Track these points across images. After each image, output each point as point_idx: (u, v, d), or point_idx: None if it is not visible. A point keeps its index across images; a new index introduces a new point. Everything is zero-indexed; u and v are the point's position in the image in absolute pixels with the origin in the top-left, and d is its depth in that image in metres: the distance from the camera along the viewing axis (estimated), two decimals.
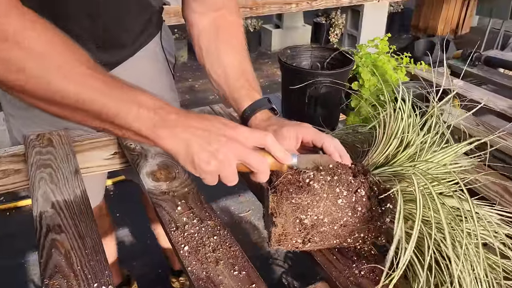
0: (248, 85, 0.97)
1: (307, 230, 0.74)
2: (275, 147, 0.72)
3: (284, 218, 0.73)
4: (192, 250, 0.80)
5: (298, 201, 0.72)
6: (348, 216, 0.74)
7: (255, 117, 0.93)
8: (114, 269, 1.48)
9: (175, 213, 0.89)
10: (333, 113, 1.17)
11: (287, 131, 0.85)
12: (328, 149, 0.81)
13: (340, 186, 0.73)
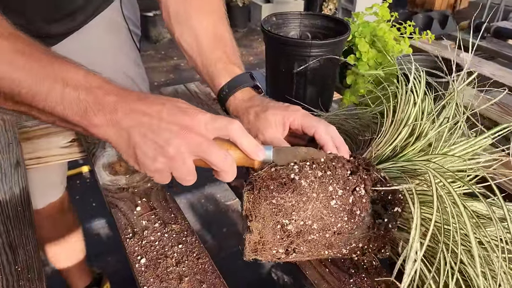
0: (225, 57, 0.79)
1: (291, 238, 0.58)
2: (242, 138, 0.56)
3: (261, 222, 0.57)
4: (150, 263, 0.64)
5: (280, 202, 0.56)
6: (343, 221, 0.58)
7: (234, 97, 0.77)
8: (80, 270, 1.33)
9: (133, 215, 0.73)
10: (326, 91, 1.01)
11: (272, 115, 0.69)
12: (321, 139, 0.65)
13: (334, 184, 0.57)
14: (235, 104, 0.77)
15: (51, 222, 1.20)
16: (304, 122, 0.67)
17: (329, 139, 0.65)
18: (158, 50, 3.85)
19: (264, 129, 0.69)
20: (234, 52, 0.82)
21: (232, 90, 0.77)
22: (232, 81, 0.77)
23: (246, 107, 0.74)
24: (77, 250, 1.30)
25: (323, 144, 0.64)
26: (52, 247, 1.24)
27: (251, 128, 0.71)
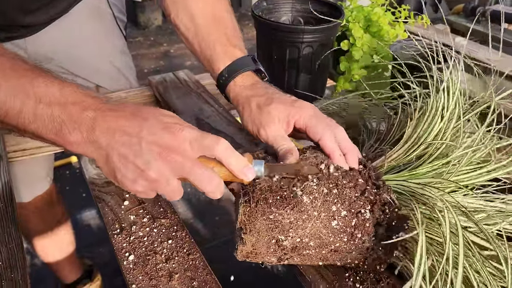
0: (225, 39, 0.73)
1: (285, 251, 0.56)
2: (229, 159, 0.52)
3: (256, 236, 0.54)
4: (139, 260, 0.62)
5: (278, 218, 0.53)
6: (342, 241, 0.55)
7: (234, 83, 0.70)
8: (70, 263, 1.30)
9: (121, 210, 0.71)
10: (319, 78, 0.98)
11: (275, 109, 0.63)
12: (326, 148, 0.59)
13: (339, 204, 0.54)
14: (235, 91, 0.70)
15: (38, 215, 1.17)
16: (309, 124, 0.61)
17: (335, 148, 0.59)
18: (147, 36, 3.78)
19: (267, 125, 0.63)
20: (234, 33, 0.76)
21: (232, 74, 0.70)
22: (232, 65, 0.71)
23: (247, 96, 0.68)
24: (66, 243, 1.28)
25: (328, 153, 0.59)
26: (41, 240, 1.21)
27: (252, 121, 0.65)
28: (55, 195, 1.20)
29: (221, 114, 0.95)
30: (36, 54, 0.96)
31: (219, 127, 0.91)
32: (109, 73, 1.07)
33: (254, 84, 0.70)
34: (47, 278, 1.51)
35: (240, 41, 0.76)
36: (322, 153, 0.60)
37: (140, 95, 1.07)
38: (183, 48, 3.52)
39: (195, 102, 1.00)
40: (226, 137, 0.87)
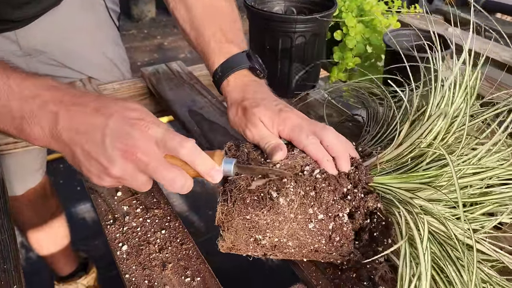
0: (220, 34, 0.70)
1: (265, 249, 0.56)
2: (195, 161, 0.51)
3: (234, 234, 0.55)
4: (132, 250, 0.62)
5: (254, 219, 0.53)
6: (321, 243, 0.55)
7: (227, 82, 0.68)
8: (65, 255, 1.30)
9: (114, 200, 0.71)
10: (312, 68, 0.98)
11: (259, 113, 0.61)
12: (312, 156, 0.57)
13: (316, 208, 0.53)
14: (226, 91, 0.69)
15: (32, 208, 1.16)
16: (293, 135, 0.59)
17: (321, 155, 0.57)
18: (141, 29, 3.75)
19: (252, 125, 0.62)
20: (231, 26, 0.73)
21: (225, 73, 0.68)
22: (226, 63, 0.69)
23: (236, 99, 0.66)
24: (61, 236, 1.27)
25: (315, 160, 0.57)
26: (35, 233, 1.21)
27: (238, 123, 0.64)
28: (49, 188, 1.20)
29: (214, 105, 0.95)
30: (28, 46, 0.95)
31: (212, 118, 0.91)
32: (102, 64, 1.06)
33: (246, 85, 0.68)
34: (42, 271, 1.51)
35: (237, 34, 0.73)
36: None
37: (133, 87, 1.07)
38: (177, 41, 3.50)
39: (188, 93, 1.00)
40: (219, 128, 0.88)
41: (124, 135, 0.48)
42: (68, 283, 1.30)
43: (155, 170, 0.49)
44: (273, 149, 0.58)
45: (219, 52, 0.70)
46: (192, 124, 0.89)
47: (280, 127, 0.60)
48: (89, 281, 1.33)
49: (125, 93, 1.06)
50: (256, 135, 0.61)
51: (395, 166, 0.62)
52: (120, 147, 0.48)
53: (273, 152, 0.57)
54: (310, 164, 0.56)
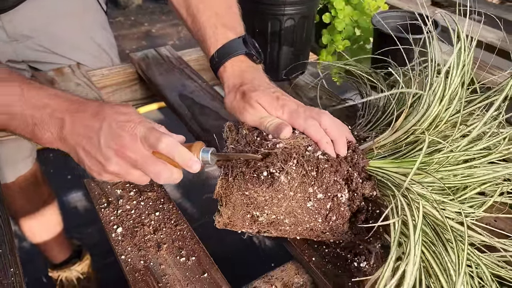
0: (215, 19, 0.70)
1: (261, 226, 0.57)
2: (174, 154, 0.56)
3: (231, 210, 0.56)
4: (127, 232, 0.63)
5: (253, 195, 0.54)
6: (317, 222, 0.56)
7: (224, 68, 0.69)
8: (58, 243, 1.30)
9: (107, 184, 0.71)
10: (301, 51, 0.98)
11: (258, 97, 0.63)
12: (312, 137, 0.59)
13: (316, 187, 0.54)
14: (223, 78, 0.69)
15: (24, 196, 1.16)
16: (292, 118, 0.61)
17: (321, 136, 0.58)
18: (128, 16, 3.70)
19: (251, 107, 0.63)
20: (228, 11, 0.72)
21: (222, 59, 0.69)
22: (222, 49, 0.69)
23: (234, 84, 0.67)
24: (54, 224, 1.27)
25: (315, 142, 0.59)
26: (28, 221, 1.21)
27: (237, 107, 0.65)
28: (40, 175, 1.20)
29: (205, 89, 0.96)
30: (15, 32, 0.94)
31: (203, 102, 0.91)
32: (90, 49, 1.05)
33: (243, 71, 0.68)
34: (35, 259, 1.51)
35: (234, 19, 0.73)
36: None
37: (123, 73, 1.06)
38: (165, 28, 3.47)
39: (178, 78, 1.00)
40: (210, 112, 0.89)
41: (115, 136, 0.55)
42: (62, 270, 1.30)
43: (143, 165, 0.55)
44: (277, 126, 0.59)
45: (215, 38, 0.70)
46: (183, 108, 0.90)
47: (278, 112, 0.62)
48: (83, 268, 1.34)
49: (114, 79, 1.05)
50: (256, 117, 0.62)
51: (390, 150, 0.64)
52: (113, 147, 0.55)
53: (278, 129, 0.58)
54: (312, 145, 0.57)
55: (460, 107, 0.63)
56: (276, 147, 0.56)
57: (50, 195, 1.25)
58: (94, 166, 0.57)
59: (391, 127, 0.63)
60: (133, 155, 0.55)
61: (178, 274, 0.57)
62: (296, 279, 0.59)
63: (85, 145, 0.56)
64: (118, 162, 0.55)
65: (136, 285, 0.56)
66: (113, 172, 0.56)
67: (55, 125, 0.57)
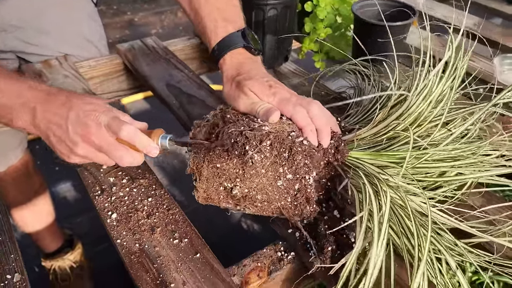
0: (217, 13, 0.74)
1: (236, 199, 0.61)
2: (134, 140, 0.63)
3: (205, 183, 0.60)
4: (121, 217, 0.66)
5: (224, 167, 0.58)
6: (287, 201, 0.60)
7: (224, 61, 0.73)
8: (51, 232, 1.32)
9: (100, 173, 0.74)
10: (285, 40, 1.01)
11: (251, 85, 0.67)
12: (298, 124, 0.62)
13: (286, 167, 0.58)
14: (222, 69, 0.74)
15: (16, 186, 1.18)
16: (281, 106, 0.64)
17: (306, 123, 0.62)
18: (110, 5, 3.66)
19: (244, 94, 0.67)
20: (228, 4, 0.76)
21: (221, 52, 0.73)
22: (222, 42, 0.73)
23: (232, 75, 0.71)
24: (46, 213, 1.29)
25: (300, 128, 0.62)
26: (19, 211, 1.22)
27: (232, 95, 0.69)
28: (32, 166, 1.21)
29: (191, 79, 0.98)
30: (3, 22, 0.95)
31: (190, 91, 0.94)
32: (77, 41, 1.06)
33: (241, 62, 0.72)
34: (27, 248, 1.53)
35: (234, 12, 0.76)
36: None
37: (110, 63, 1.08)
38: (148, 17, 3.44)
39: (165, 68, 1.02)
40: (197, 101, 0.91)
41: (81, 124, 0.62)
42: (55, 260, 1.33)
43: (107, 150, 0.62)
44: (267, 111, 0.63)
45: (215, 32, 0.74)
46: (170, 98, 0.92)
47: (269, 99, 0.65)
48: (76, 257, 1.36)
49: (101, 70, 1.07)
50: (248, 103, 0.66)
51: (371, 144, 0.67)
52: (79, 133, 0.62)
53: (268, 113, 0.62)
54: (295, 131, 0.61)
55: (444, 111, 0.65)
56: (261, 129, 0.59)
57: (41, 185, 1.27)
58: (64, 150, 0.64)
59: (373, 121, 0.67)
60: (98, 141, 0.62)
61: (172, 255, 0.60)
62: (283, 257, 0.63)
63: (55, 131, 0.63)
64: (84, 147, 0.63)
65: (133, 267, 0.59)
66: (80, 155, 0.64)
67: (28, 113, 0.64)
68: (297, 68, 1.06)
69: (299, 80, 0.99)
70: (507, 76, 0.96)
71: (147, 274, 0.58)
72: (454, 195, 0.65)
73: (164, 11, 3.48)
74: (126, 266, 0.59)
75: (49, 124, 0.63)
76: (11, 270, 0.58)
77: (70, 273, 1.34)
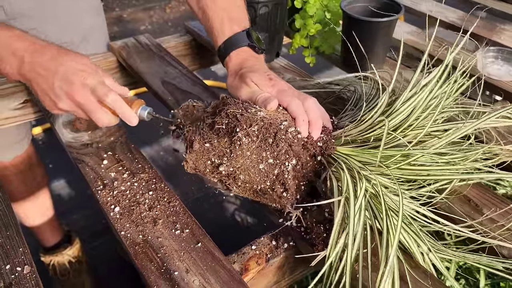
0: (223, 14, 0.79)
1: (222, 175, 0.65)
2: (116, 108, 0.68)
3: (195, 156, 0.65)
4: (124, 211, 0.68)
5: (214, 144, 0.63)
6: (266, 185, 0.63)
7: (230, 58, 0.78)
8: (51, 226, 1.34)
9: (101, 168, 0.76)
10: (276, 36, 1.04)
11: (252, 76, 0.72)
12: (292, 113, 0.66)
13: (269, 152, 0.62)
14: (228, 66, 0.79)
15: (20, 177, 1.20)
16: (279, 96, 0.68)
17: (300, 113, 0.65)
18: None
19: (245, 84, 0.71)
20: (233, 4, 0.81)
21: (227, 50, 0.78)
22: (228, 41, 0.78)
23: (235, 70, 0.76)
24: (47, 206, 1.31)
25: (294, 116, 0.66)
26: (22, 204, 1.24)
27: (235, 86, 0.74)
28: (35, 157, 1.23)
29: (186, 75, 1.00)
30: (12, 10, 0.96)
31: (185, 88, 0.96)
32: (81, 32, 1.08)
33: (245, 59, 0.77)
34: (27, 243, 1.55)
35: (239, 12, 0.81)
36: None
37: (104, 61, 1.10)
38: (136, 13, 3.44)
39: (159, 65, 1.04)
40: (192, 97, 0.94)
41: (68, 81, 0.66)
42: (54, 255, 1.35)
43: (88, 109, 0.68)
44: (265, 99, 0.67)
45: (222, 31, 0.79)
46: (165, 94, 0.95)
47: (269, 89, 0.70)
48: (74, 252, 1.38)
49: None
50: (249, 91, 0.70)
51: (359, 142, 0.70)
52: (65, 89, 0.67)
53: (266, 101, 0.66)
54: (288, 121, 0.64)
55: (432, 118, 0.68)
56: (256, 114, 0.63)
57: (44, 178, 1.29)
58: (47, 102, 0.69)
59: (358, 119, 0.71)
60: (81, 100, 0.67)
61: (174, 245, 0.63)
62: (279, 245, 0.66)
63: (40, 83, 0.67)
64: (67, 103, 0.68)
65: (137, 257, 0.62)
66: (62, 109, 0.69)
67: (14, 61, 0.68)
68: (288, 63, 1.09)
69: (290, 76, 1.02)
70: (491, 69, 1.00)
71: (151, 263, 0.61)
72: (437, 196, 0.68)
73: (153, 7, 3.48)
74: (131, 257, 0.62)
75: (35, 76, 0.67)
76: (21, 262, 0.60)
77: (69, 268, 1.36)
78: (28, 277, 0.59)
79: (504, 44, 1.13)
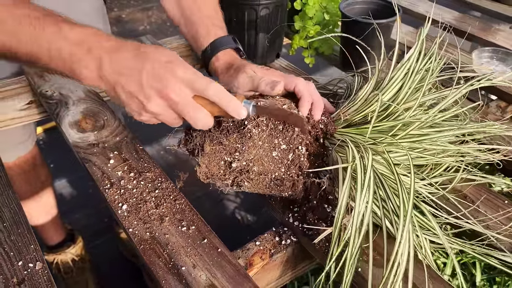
0: (207, 20, 0.82)
1: (234, 173, 0.66)
2: (222, 101, 0.58)
3: (207, 158, 0.66)
4: (131, 208, 0.70)
5: (225, 143, 0.64)
6: (280, 171, 0.65)
7: (217, 58, 0.80)
8: (55, 225, 1.36)
9: (108, 168, 0.78)
10: (276, 38, 1.06)
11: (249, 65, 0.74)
12: (299, 92, 0.67)
13: (281, 139, 0.64)
14: (216, 66, 0.80)
15: (24, 177, 1.21)
16: (284, 80, 0.69)
17: (308, 93, 0.67)
18: None
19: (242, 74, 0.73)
20: (215, 13, 0.85)
21: (214, 51, 0.80)
22: (214, 43, 0.80)
23: (227, 67, 0.78)
24: (50, 205, 1.33)
25: (300, 96, 0.68)
26: (26, 203, 1.26)
27: (230, 79, 0.75)
28: (39, 157, 1.25)
29: None
30: None
31: None
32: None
33: (234, 58, 0.80)
34: None
35: (220, 19, 0.84)
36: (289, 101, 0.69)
37: None
38: (135, 13, 3.45)
39: None
40: None
41: (158, 77, 0.57)
42: (58, 253, 1.37)
43: (183, 108, 0.58)
44: (270, 82, 0.68)
45: (207, 35, 0.81)
46: None
47: (269, 76, 0.72)
48: (77, 250, 1.40)
49: None
50: (247, 77, 0.72)
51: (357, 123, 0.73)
52: (155, 87, 0.57)
53: (273, 84, 0.67)
54: (287, 104, 0.67)
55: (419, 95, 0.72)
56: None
57: (47, 177, 1.31)
58: (135, 106, 0.59)
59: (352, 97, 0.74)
60: (176, 98, 0.57)
61: (181, 242, 0.65)
62: (283, 241, 0.68)
63: (125, 85, 0.58)
64: (159, 103, 0.58)
65: (145, 253, 0.64)
66: (152, 112, 0.59)
67: (93, 63, 0.58)
68: (289, 64, 1.11)
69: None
70: (486, 70, 1.03)
71: (159, 259, 0.63)
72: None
73: (151, 7, 3.49)
74: (139, 253, 0.64)
75: (118, 77, 0.57)
76: (32, 259, 0.62)
77: (72, 266, 1.38)
78: (40, 273, 0.61)
79: (499, 44, 1.15)
